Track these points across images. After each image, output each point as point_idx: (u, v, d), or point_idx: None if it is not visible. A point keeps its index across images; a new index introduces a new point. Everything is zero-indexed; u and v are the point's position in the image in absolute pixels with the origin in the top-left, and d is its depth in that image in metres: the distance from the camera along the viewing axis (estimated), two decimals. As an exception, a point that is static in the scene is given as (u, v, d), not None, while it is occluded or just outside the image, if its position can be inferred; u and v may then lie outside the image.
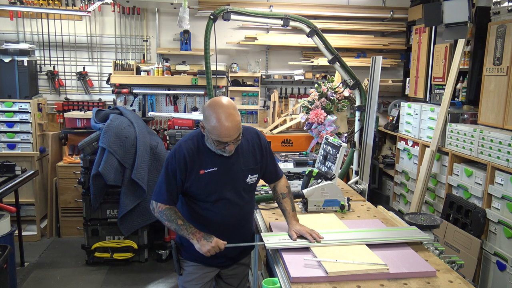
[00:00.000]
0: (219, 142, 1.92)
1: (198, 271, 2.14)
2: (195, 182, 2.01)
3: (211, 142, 1.96)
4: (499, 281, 3.14)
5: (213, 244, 1.93)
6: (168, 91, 4.81)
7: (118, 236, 3.89)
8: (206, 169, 2.01)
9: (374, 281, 1.68)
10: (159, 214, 2.05)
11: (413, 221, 2.27)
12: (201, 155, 2.03)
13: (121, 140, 3.62)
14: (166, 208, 2.03)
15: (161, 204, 2.04)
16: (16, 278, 3.43)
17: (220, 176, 2.03)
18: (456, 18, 3.56)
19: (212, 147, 1.99)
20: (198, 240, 1.95)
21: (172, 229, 2.02)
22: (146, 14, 4.99)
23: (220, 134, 1.89)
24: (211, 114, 1.90)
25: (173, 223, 2.00)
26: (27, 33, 4.80)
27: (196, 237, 1.96)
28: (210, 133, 1.92)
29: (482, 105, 3.53)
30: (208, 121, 1.92)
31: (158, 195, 2.05)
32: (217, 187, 2.04)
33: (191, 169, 2.00)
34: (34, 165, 4.45)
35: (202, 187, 2.02)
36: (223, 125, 1.87)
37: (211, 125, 1.90)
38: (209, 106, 1.94)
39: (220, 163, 2.03)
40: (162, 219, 2.04)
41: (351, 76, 3.56)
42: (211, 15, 3.27)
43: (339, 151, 2.68)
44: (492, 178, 3.21)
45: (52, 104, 4.88)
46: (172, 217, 2.01)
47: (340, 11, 5.09)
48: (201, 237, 1.95)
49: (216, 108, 1.91)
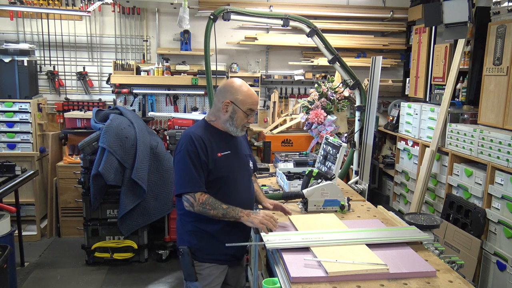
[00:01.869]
0: (251, 111, 2.08)
1: (215, 271, 2.13)
2: (216, 164, 2.05)
3: (240, 116, 2.06)
4: (499, 281, 3.14)
5: (262, 214, 1.99)
6: (168, 91, 4.81)
7: (118, 236, 3.89)
8: (222, 152, 2.08)
9: (374, 281, 1.68)
10: (201, 207, 1.97)
11: (413, 221, 2.27)
12: (214, 140, 2.09)
13: (121, 140, 3.63)
14: (207, 197, 1.99)
15: (199, 195, 1.98)
16: (16, 278, 3.43)
17: (234, 159, 2.13)
18: (456, 18, 3.56)
19: (232, 126, 2.08)
20: (248, 216, 2.00)
21: (219, 216, 1.99)
22: (146, 14, 4.99)
23: (254, 101, 2.08)
24: (238, 86, 2.07)
25: (219, 209, 1.98)
26: (27, 33, 4.80)
27: (245, 213, 2.01)
28: (243, 104, 2.05)
29: (482, 105, 3.53)
30: (237, 93, 2.06)
31: (193, 185, 1.98)
32: (234, 170, 2.11)
33: (211, 151, 2.05)
34: (34, 165, 4.45)
35: (223, 169, 2.07)
36: (253, 93, 2.10)
37: (243, 95, 2.05)
38: (231, 83, 2.10)
39: (231, 147, 2.13)
40: (206, 210, 1.98)
41: (351, 76, 3.57)
42: (211, 15, 3.28)
43: (339, 151, 2.68)
44: (492, 178, 3.20)
45: (52, 104, 4.88)
46: (216, 204, 1.99)
47: (340, 11, 5.10)
48: (249, 213, 2.02)
49: (238, 82, 2.10)
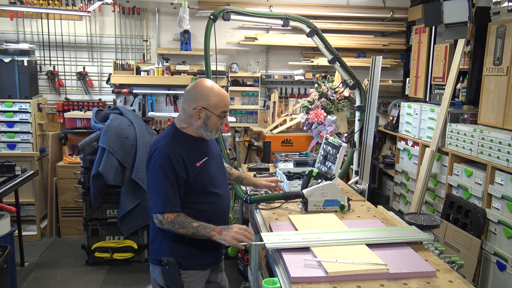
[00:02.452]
0: (224, 113, 2.03)
1: (198, 276, 2.11)
2: (197, 175, 1.99)
3: (213, 121, 2.01)
4: (499, 281, 3.14)
5: (235, 229, 1.91)
6: (168, 91, 4.80)
7: (118, 236, 3.89)
8: (200, 160, 2.02)
9: (374, 281, 1.68)
10: (170, 225, 1.92)
11: (413, 221, 2.27)
12: (189, 149, 2.02)
13: (121, 140, 3.63)
14: (176, 216, 1.92)
15: (168, 214, 1.92)
16: (16, 278, 3.43)
17: (212, 163, 2.08)
18: (456, 18, 3.56)
19: (207, 131, 2.03)
20: (220, 234, 1.91)
21: (189, 234, 1.91)
22: (146, 14, 4.99)
23: (226, 103, 2.02)
24: (209, 90, 1.99)
25: (189, 228, 1.91)
26: (27, 33, 4.80)
27: (217, 231, 1.92)
28: (215, 108, 1.99)
29: (482, 105, 3.53)
30: (208, 97, 1.98)
31: (165, 205, 1.92)
32: (213, 174, 2.07)
33: (189, 164, 1.97)
34: (34, 165, 4.45)
35: (205, 178, 2.02)
36: (224, 93, 2.03)
37: (215, 98, 1.98)
38: (200, 87, 2.01)
39: (207, 152, 2.08)
40: (175, 228, 1.92)
41: (351, 76, 3.56)
42: (211, 15, 3.28)
43: (339, 151, 2.68)
44: (492, 178, 3.21)
45: (52, 104, 4.88)
46: (185, 222, 1.91)
47: (340, 11, 5.09)
48: (221, 230, 1.92)
49: (208, 84, 2.02)
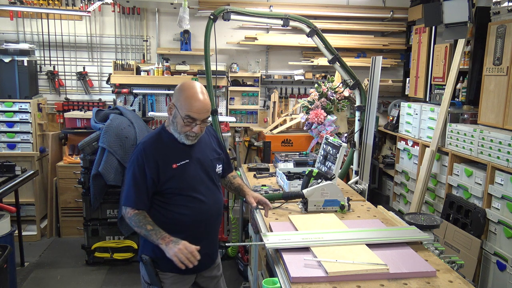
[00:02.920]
0: (189, 118, 1.90)
1: (178, 279, 2.06)
2: (172, 177, 1.96)
3: (179, 122, 1.93)
4: (499, 281, 3.14)
5: (180, 246, 1.82)
6: (168, 91, 4.80)
7: (118, 236, 3.89)
8: (178, 162, 1.98)
9: (374, 281, 1.68)
10: (128, 220, 1.95)
11: (413, 221, 2.27)
12: (169, 149, 1.99)
13: (121, 140, 3.63)
14: (135, 213, 1.94)
15: (130, 209, 1.94)
16: (16, 278, 3.43)
17: (194, 168, 2.02)
18: (456, 18, 3.56)
19: (176, 132, 1.97)
20: (166, 244, 1.85)
21: (142, 235, 1.92)
22: (146, 14, 4.99)
23: (193, 108, 1.89)
24: (183, 90, 1.94)
25: (142, 229, 1.90)
26: (27, 33, 4.80)
27: (165, 241, 1.86)
28: (180, 109, 1.91)
29: (482, 105, 3.53)
30: (179, 97, 1.93)
31: (127, 199, 1.96)
32: (194, 179, 2.01)
33: (163, 164, 1.95)
34: (34, 165, 4.45)
35: (181, 181, 1.97)
36: (199, 99, 1.91)
37: (183, 99, 1.91)
38: (181, 85, 1.98)
39: (190, 155, 2.02)
40: (132, 225, 1.94)
41: (351, 76, 3.57)
42: (211, 15, 3.28)
43: (339, 151, 2.68)
44: (492, 178, 3.21)
45: (52, 104, 4.88)
46: (141, 222, 1.91)
47: (340, 11, 5.10)
48: (170, 241, 1.86)
49: (189, 85, 1.96)
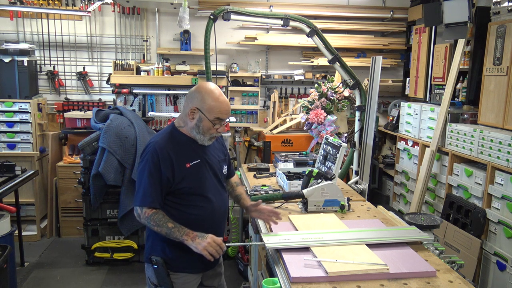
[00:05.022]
0: (218, 120, 1.96)
1: (189, 279, 2.06)
2: (185, 176, 1.96)
3: (206, 125, 1.95)
4: (499, 281, 3.14)
5: (209, 240, 1.84)
6: (168, 91, 4.80)
7: (118, 236, 3.89)
8: (191, 161, 1.99)
9: (374, 281, 1.68)
10: (146, 220, 1.92)
11: (413, 221, 2.27)
12: (182, 149, 1.99)
13: (121, 140, 3.63)
14: (153, 212, 1.92)
15: (147, 209, 1.92)
16: (16, 278, 3.44)
17: (204, 167, 2.03)
18: (456, 18, 3.56)
19: (199, 134, 1.98)
20: (192, 240, 1.86)
21: (163, 233, 1.90)
22: (146, 14, 4.99)
23: (222, 110, 1.95)
24: (206, 93, 1.95)
25: (164, 227, 1.89)
26: (27, 33, 4.80)
27: (190, 237, 1.87)
28: (209, 112, 1.94)
29: (482, 105, 3.53)
30: (204, 100, 1.94)
31: (143, 199, 1.93)
32: (205, 179, 2.02)
33: (177, 163, 1.95)
34: (34, 165, 4.45)
35: (194, 180, 1.98)
36: (224, 100, 1.96)
37: (211, 103, 1.93)
38: (200, 88, 1.98)
39: (200, 155, 2.03)
40: (150, 225, 1.92)
41: (351, 76, 3.57)
42: (211, 15, 3.28)
43: (339, 151, 2.68)
44: (492, 178, 3.20)
45: (52, 104, 4.88)
46: (161, 221, 1.90)
47: (340, 11, 5.10)
48: (195, 236, 1.86)
49: (209, 87, 1.97)
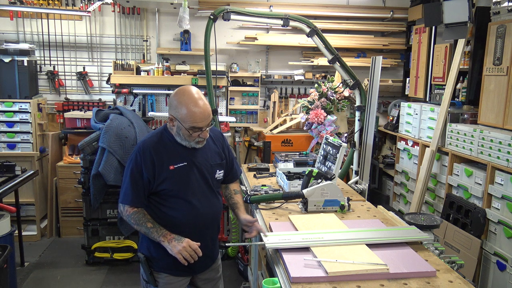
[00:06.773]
0: (194, 129, 1.90)
1: (172, 281, 2.06)
2: (167, 178, 1.95)
3: (184, 133, 1.93)
4: (499, 281, 3.14)
5: (184, 244, 1.86)
6: (168, 91, 4.80)
7: (118, 236, 3.89)
8: (176, 164, 1.97)
9: (374, 281, 1.68)
10: (127, 218, 1.97)
11: (413, 221, 2.27)
12: (168, 150, 1.98)
13: (121, 140, 3.63)
14: (134, 211, 1.95)
15: (128, 207, 1.96)
16: (16, 278, 3.43)
17: (191, 171, 2.00)
18: (456, 18, 3.56)
19: (184, 140, 1.96)
20: (169, 242, 1.88)
21: (142, 232, 1.95)
22: (146, 14, 4.99)
23: (196, 119, 1.88)
24: (181, 101, 1.90)
25: (142, 226, 1.92)
26: (27, 33, 4.80)
27: (167, 239, 1.89)
28: (183, 122, 1.90)
29: (482, 105, 3.53)
30: (178, 109, 1.90)
31: (124, 197, 1.96)
32: (189, 183, 1.99)
33: (159, 165, 1.94)
34: (34, 165, 4.45)
35: (175, 183, 1.97)
36: (197, 109, 1.89)
37: (184, 112, 1.88)
38: (177, 94, 1.94)
39: (188, 158, 2.00)
40: (131, 223, 1.96)
41: (351, 76, 3.57)
42: (211, 15, 3.28)
43: (339, 151, 2.68)
44: (492, 178, 3.21)
45: (52, 104, 4.88)
46: (141, 220, 1.93)
47: (340, 11, 5.10)
48: (172, 239, 1.89)
49: (185, 94, 1.92)
